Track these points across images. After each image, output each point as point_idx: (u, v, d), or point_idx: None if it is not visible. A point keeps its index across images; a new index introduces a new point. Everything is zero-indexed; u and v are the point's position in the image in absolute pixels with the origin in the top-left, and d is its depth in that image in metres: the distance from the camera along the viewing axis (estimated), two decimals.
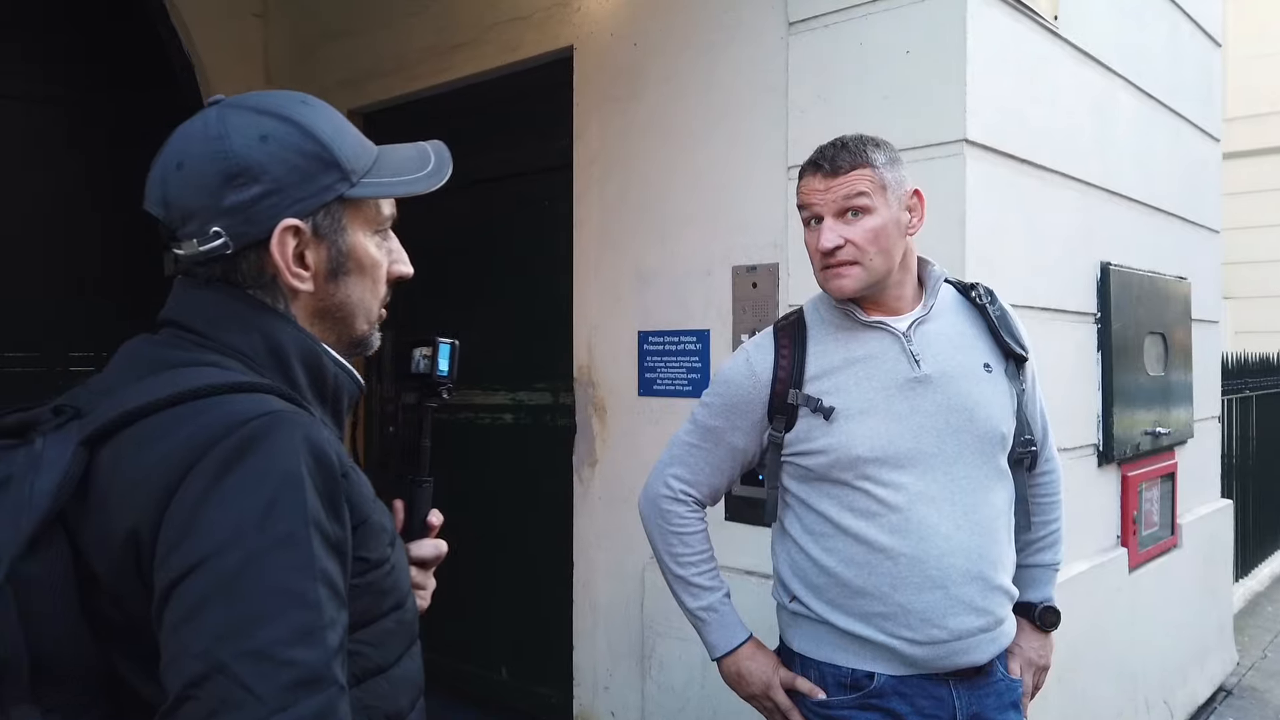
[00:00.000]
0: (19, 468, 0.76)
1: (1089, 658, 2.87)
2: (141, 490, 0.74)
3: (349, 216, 0.92)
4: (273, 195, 0.86)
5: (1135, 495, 3.16)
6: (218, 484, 0.73)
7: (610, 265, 3.08)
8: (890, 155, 1.55)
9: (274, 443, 0.76)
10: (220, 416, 0.77)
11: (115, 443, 0.77)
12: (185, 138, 0.89)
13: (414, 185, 0.96)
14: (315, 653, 0.70)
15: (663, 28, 2.92)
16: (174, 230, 0.88)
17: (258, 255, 0.88)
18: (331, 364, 0.92)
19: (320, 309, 0.93)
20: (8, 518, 0.73)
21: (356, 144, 0.93)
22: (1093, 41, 2.91)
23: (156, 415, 0.77)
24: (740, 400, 1.61)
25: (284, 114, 0.89)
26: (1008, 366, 1.61)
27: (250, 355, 0.87)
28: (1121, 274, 3.06)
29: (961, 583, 1.48)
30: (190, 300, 0.89)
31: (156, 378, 0.82)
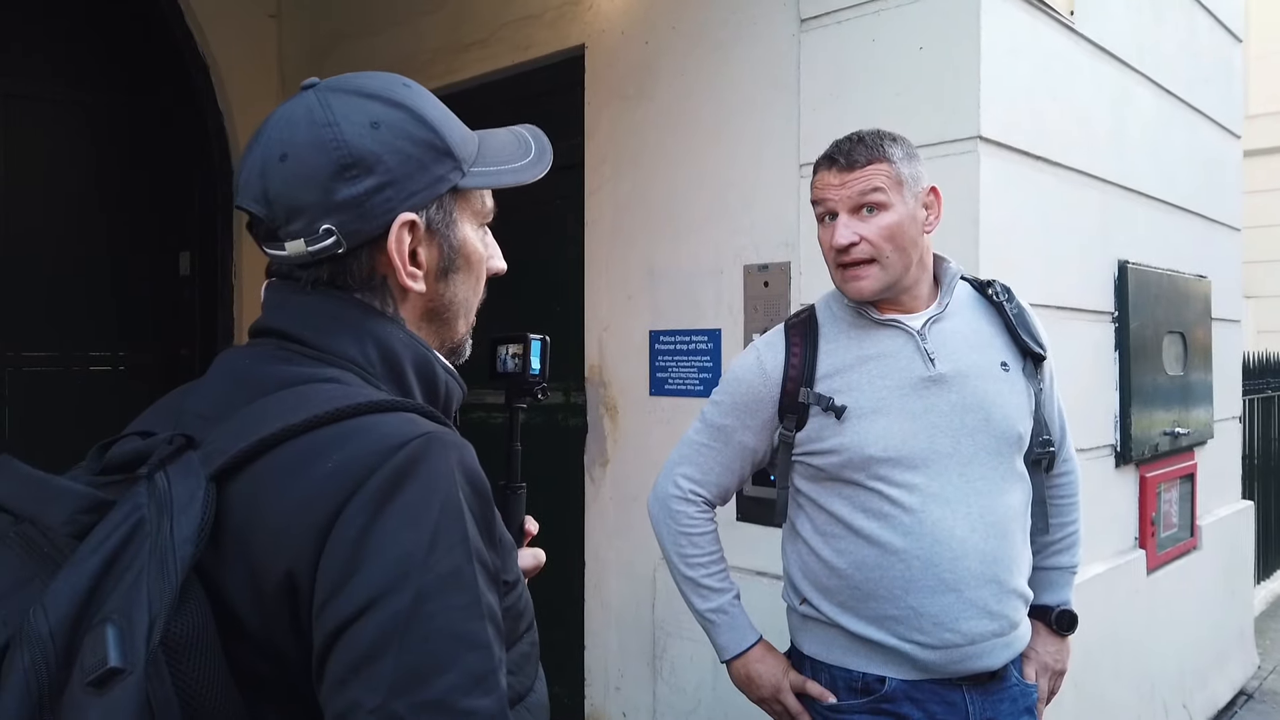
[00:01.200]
0: (150, 510, 0.65)
1: (1106, 661, 2.83)
2: (293, 529, 0.66)
3: (459, 209, 0.85)
4: (388, 188, 0.79)
5: (1154, 496, 3.12)
6: (378, 517, 0.66)
7: (621, 264, 3.07)
8: (907, 150, 1.53)
9: (431, 468, 0.69)
10: (371, 442, 0.69)
11: (248, 476, 0.68)
12: (287, 125, 0.79)
13: (521, 174, 0.89)
14: (491, 699, 0.66)
15: (674, 25, 2.90)
16: (275, 228, 0.79)
17: (369, 255, 0.80)
18: (442, 370, 0.85)
19: (428, 310, 0.86)
20: (154, 570, 0.63)
21: (462, 129, 0.87)
22: (1109, 37, 2.88)
23: (292, 443, 0.69)
24: (751, 399, 1.58)
25: (392, 98, 0.81)
26: (1025, 365, 1.58)
27: (365, 366, 0.79)
28: (1139, 272, 3.02)
29: (975, 586, 1.46)
30: (295, 307, 0.80)
31: (279, 399, 0.73)
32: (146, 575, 0.62)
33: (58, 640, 0.61)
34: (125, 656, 0.59)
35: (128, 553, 0.64)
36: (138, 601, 0.61)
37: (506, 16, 3.41)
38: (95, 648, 0.60)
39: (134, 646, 0.60)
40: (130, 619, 0.61)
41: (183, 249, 4.39)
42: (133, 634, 0.60)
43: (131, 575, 0.63)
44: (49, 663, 0.61)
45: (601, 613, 3.13)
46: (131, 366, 4.25)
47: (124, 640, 0.60)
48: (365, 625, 0.64)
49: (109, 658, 0.59)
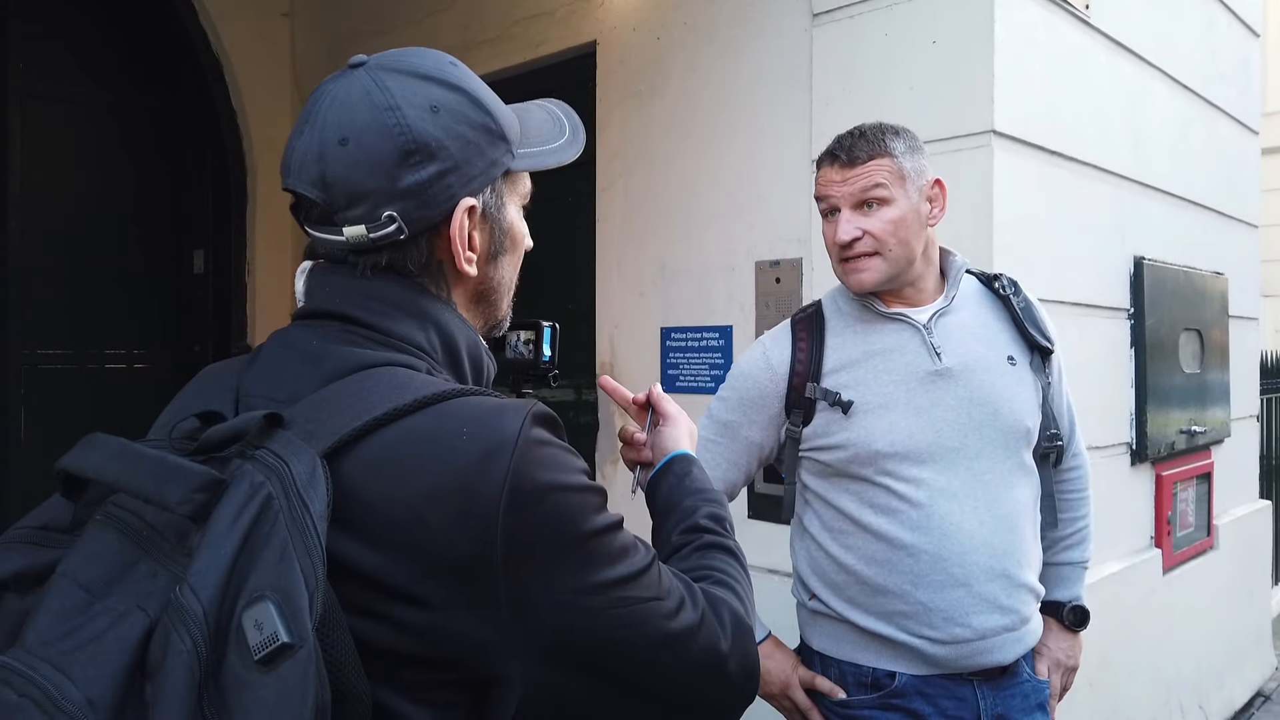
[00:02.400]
0: (274, 487, 0.64)
1: (1121, 660, 2.80)
2: (452, 502, 0.67)
3: (507, 191, 0.85)
4: (450, 174, 0.78)
5: (1170, 495, 3.09)
6: (543, 474, 0.71)
7: (633, 261, 3.06)
8: (910, 143, 1.51)
9: (551, 429, 0.76)
10: (494, 416, 0.71)
11: (360, 455, 0.68)
12: (345, 107, 0.77)
13: (561, 154, 0.89)
14: (692, 609, 0.81)
15: (685, 21, 2.90)
16: (333, 213, 0.78)
17: (429, 240, 0.80)
18: (486, 354, 0.87)
19: (477, 293, 0.87)
20: (299, 547, 0.61)
21: (507, 110, 0.86)
22: (1126, 31, 2.85)
23: (403, 422, 0.69)
24: (757, 394, 1.58)
25: (447, 79, 0.80)
26: (1033, 359, 1.56)
27: (430, 351, 0.80)
28: (1155, 269, 2.99)
29: (985, 580, 1.44)
30: (355, 292, 0.79)
31: (374, 379, 0.73)
32: (293, 552, 0.61)
33: (211, 620, 0.60)
34: (293, 632, 0.59)
35: (261, 530, 0.63)
36: (292, 577, 0.60)
37: (518, 14, 3.41)
38: (261, 624, 0.59)
39: (299, 621, 0.59)
40: (288, 595, 0.60)
41: (196, 247, 4.41)
42: (294, 609, 0.59)
43: (273, 553, 0.62)
44: (207, 642, 0.60)
45: None
46: (146, 365, 4.27)
47: (286, 616, 0.59)
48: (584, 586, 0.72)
49: (279, 634, 0.58)
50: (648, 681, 0.77)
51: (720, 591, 0.85)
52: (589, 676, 0.74)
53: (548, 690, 0.72)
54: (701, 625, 0.79)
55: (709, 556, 0.92)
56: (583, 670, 0.74)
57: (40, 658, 0.62)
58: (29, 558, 0.72)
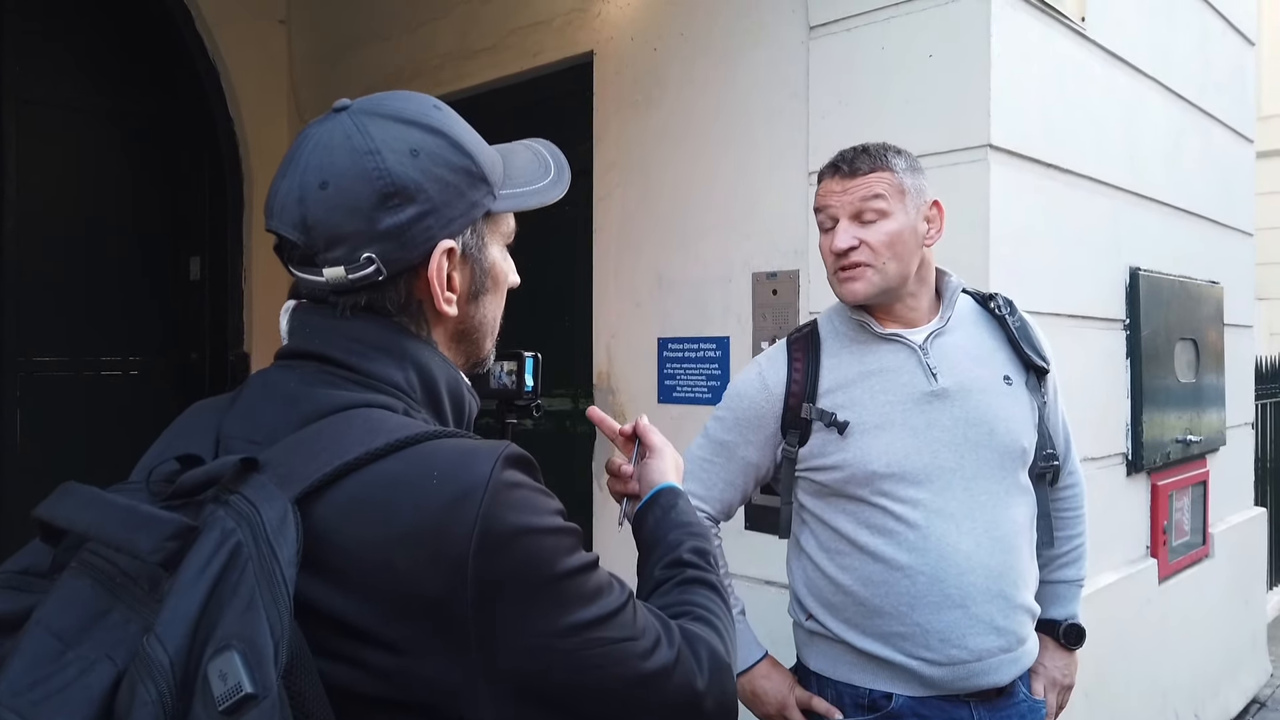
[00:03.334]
0: (243, 534, 0.64)
1: (1117, 671, 2.81)
2: (424, 546, 0.68)
3: (489, 231, 0.87)
4: (428, 216, 0.79)
5: (1165, 504, 3.10)
6: (511, 516, 0.71)
7: (630, 271, 3.06)
8: (911, 163, 1.52)
9: (522, 470, 0.76)
10: (466, 458, 0.72)
11: (333, 499, 0.68)
12: (325, 151, 0.79)
13: (544, 195, 0.90)
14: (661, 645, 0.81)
15: (682, 32, 2.90)
16: (313, 255, 0.79)
17: (408, 281, 0.81)
18: (467, 391, 0.88)
19: (459, 332, 0.88)
20: (266, 596, 0.62)
21: (490, 151, 0.88)
22: (1121, 43, 2.86)
23: (376, 466, 0.70)
24: (753, 414, 1.58)
25: (428, 123, 0.81)
26: (1028, 379, 1.57)
27: (408, 391, 0.80)
28: (1151, 279, 3.00)
29: (982, 601, 1.45)
30: (333, 332, 0.80)
31: (346, 422, 0.74)
32: (260, 600, 0.62)
33: (177, 670, 0.61)
34: (257, 682, 0.59)
35: (230, 578, 0.63)
36: (257, 626, 0.61)
37: (515, 23, 3.41)
38: (225, 675, 0.60)
39: (264, 671, 0.60)
40: (253, 644, 0.61)
41: (193, 254, 4.41)
42: (259, 659, 0.60)
43: (240, 601, 0.62)
44: (172, 693, 0.61)
45: None
46: (142, 371, 4.27)
47: (252, 666, 0.60)
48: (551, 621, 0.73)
49: (243, 684, 0.59)
50: None
51: (698, 628, 0.86)
52: (562, 718, 0.75)
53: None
54: (677, 664, 0.79)
55: (690, 592, 0.93)
56: (556, 712, 0.74)
57: (9, 708, 0.63)
58: (8, 602, 0.74)
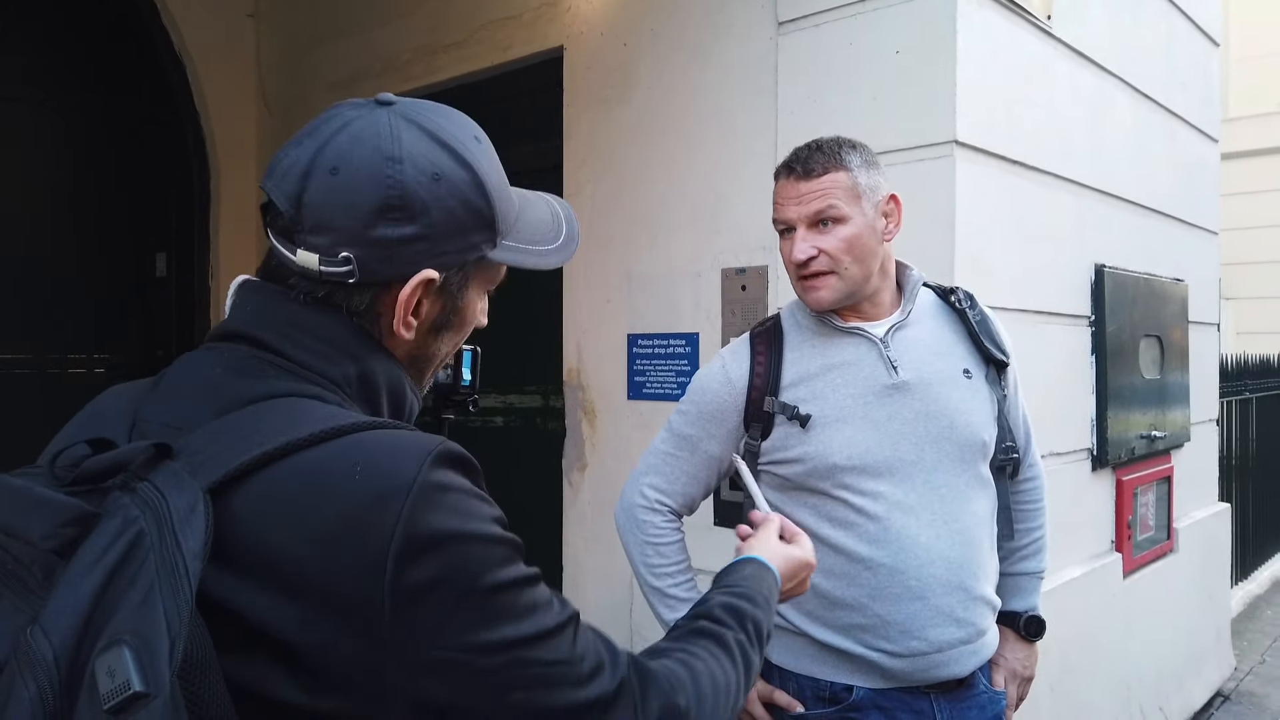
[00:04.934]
0: (147, 523, 0.61)
1: (1082, 665, 2.84)
2: (342, 541, 0.64)
3: (475, 274, 0.84)
4: (422, 241, 0.77)
5: (1130, 500, 3.13)
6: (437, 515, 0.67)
7: (600, 267, 3.06)
8: (866, 158, 1.52)
9: (455, 467, 0.72)
10: (393, 451, 0.69)
11: (250, 489, 0.65)
12: (352, 139, 0.76)
13: (545, 258, 0.87)
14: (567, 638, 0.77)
15: (652, 28, 2.90)
16: (295, 231, 0.76)
17: (375, 293, 0.78)
18: (410, 391, 0.85)
19: (410, 356, 0.84)
20: (166, 589, 0.59)
21: (509, 198, 0.85)
22: (1087, 41, 2.88)
23: (298, 456, 0.66)
24: (716, 408, 1.58)
25: (461, 153, 0.79)
26: (988, 372, 1.57)
27: (342, 385, 0.77)
28: (1116, 276, 3.03)
29: (942, 593, 1.45)
30: (278, 314, 0.77)
31: (271, 411, 0.71)
32: (159, 593, 0.58)
33: (62, 665, 0.57)
34: (148, 680, 0.56)
35: (129, 569, 0.60)
36: (153, 622, 0.58)
37: (485, 17, 3.39)
38: (114, 671, 0.56)
39: (156, 669, 0.56)
40: (147, 640, 0.57)
41: (159, 250, 4.35)
42: (152, 656, 0.57)
43: (137, 593, 0.59)
44: (54, 689, 0.57)
45: None
46: (107, 369, 4.21)
47: (143, 663, 0.56)
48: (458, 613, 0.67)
49: (131, 682, 0.56)
50: None
51: (666, 670, 0.80)
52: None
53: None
54: (617, 698, 0.74)
55: (688, 640, 0.88)
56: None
57: None
58: None
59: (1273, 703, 4.02)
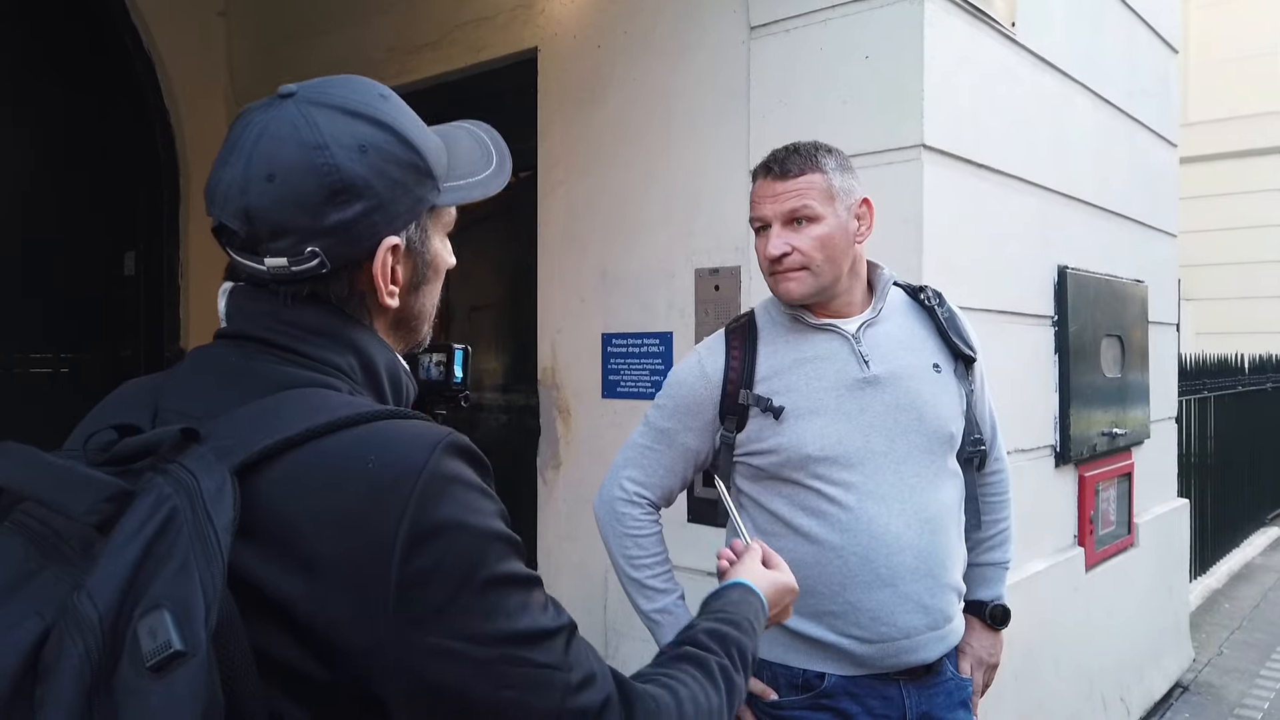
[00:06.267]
0: (180, 500, 0.65)
1: (1046, 656, 2.91)
2: (356, 523, 0.68)
3: (432, 224, 0.87)
4: (375, 213, 0.80)
5: (1092, 495, 3.21)
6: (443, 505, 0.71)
7: (574, 267, 3.08)
8: (841, 162, 1.57)
9: (463, 459, 0.75)
10: (405, 441, 0.72)
11: (273, 472, 0.69)
12: (273, 142, 0.78)
13: (487, 186, 0.90)
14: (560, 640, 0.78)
15: (626, 30, 2.93)
16: (256, 243, 0.79)
17: (350, 274, 0.82)
18: (405, 375, 0.89)
19: (398, 319, 0.88)
20: (200, 559, 0.63)
21: (435, 143, 0.87)
22: (1050, 48, 2.96)
23: (317, 443, 0.70)
24: (692, 401, 1.62)
25: (377, 117, 0.81)
26: (956, 367, 1.63)
27: (349, 373, 0.81)
28: (1078, 277, 3.10)
29: (911, 580, 1.50)
30: (275, 316, 0.81)
31: (290, 400, 0.75)
32: (195, 563, 0.63)
33: (106, 627, 0.61)
34: (187, 640, 0.60)
35: (165, 541, 0.64)
36: (190, 588, 0.62)
37: (460, 18, 3.41)
38: (155, 632, 0.60)
39: (194, 631, 0.60)
40: (185, 605, 0.61)
41: (127, 249, 4.31)
42: (190, 619, 0.61)
43: (174, 563, 0.63)
44: (99, 649, 0.61)
45: None
46: (73, 368, 4.16)
47: (181, 625, 0.60)
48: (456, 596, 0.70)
49: (171, 642, 0.60)
50: None
51: (652, 693, 0.82)
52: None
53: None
54: (603, 714, 0.76)
55: (673, 665, 0.90)
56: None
57: None
58: None
59: (1230, 693, 4.14)
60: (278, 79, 3.29)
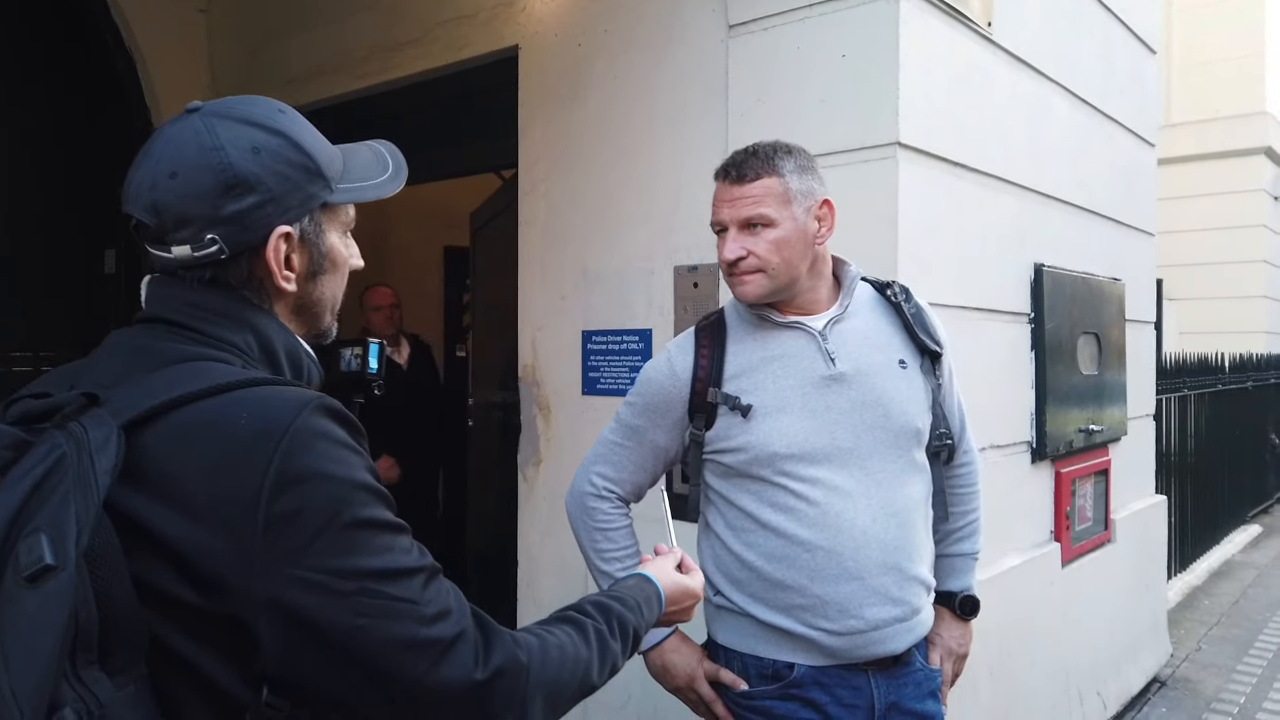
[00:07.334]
0: (70, 448, 0.77)
1: (1021, 651, 2.93)
2: (228, 473, 0.79)
3: (327, 220, 0.99)
4: (267, 205, 0.92)
5: (1068, 491, 3.24)
6: (307, 457, 0.81)
7: (555, 264, 3.09)
8: (801, 164, 1.57)
9: (329, 416, 0.85)
10: (276, 404, 0.83)
11: (159, 429, 0.81)
12: (176, 145, 0.91)
13: (381, 189, 1.03)
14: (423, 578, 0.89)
15: (606, 28, 2.94)
16: (163, 235, 0.91)
17: (249, 260, 0.93)
18: (306, 357, 1.00)
19: (298, 305, 0.99)
20: (79, 494, 0.75)
21: (330, 150, 1.00)
22: (1027, 48, 2.98)
23: (198, 404, 0.82)
24: (662, 399, 1.63)
25: (270, 125, 0.94)
26: (923, 362, 1.64)
27: (245, 350, 0.92)
28: (1055, 275, 3.13)
29: (878, 574, 1.52)
30: (181, 299, 0.92)
31: (179, 370, 0.86)
32: (73, 497, 0.75)
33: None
34: (58, 557, 0.72)
35: (52, 480, 0.76)
36: (66, 516, 0.74)
37: (441, 16, 3.41)
38: (31, 549, 0.72)
39: (65, 550, 0.72)
40: (60, 529, 0.73)
41: (108, 247, 4.30)
42: (63, 541, 0.73)
43: (58, 497, 0.75)
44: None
45: (534, 610, 3.15)
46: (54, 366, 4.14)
47: (55, 545, 0.72)
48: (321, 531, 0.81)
49: (44, 556, 0.72)
50: (383, 677, 0.82)
51: (516, 634, 0.92)
52: (327, 655, 0.81)
53: (293, 658, 0.81)
54: (456, 643, 0.85)
55: (551, 623, 1.02)
56: (329, 653, 0.81)
57: None
58: None
59: (1207, 688, 4.18)
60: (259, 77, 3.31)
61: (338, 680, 0.82)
